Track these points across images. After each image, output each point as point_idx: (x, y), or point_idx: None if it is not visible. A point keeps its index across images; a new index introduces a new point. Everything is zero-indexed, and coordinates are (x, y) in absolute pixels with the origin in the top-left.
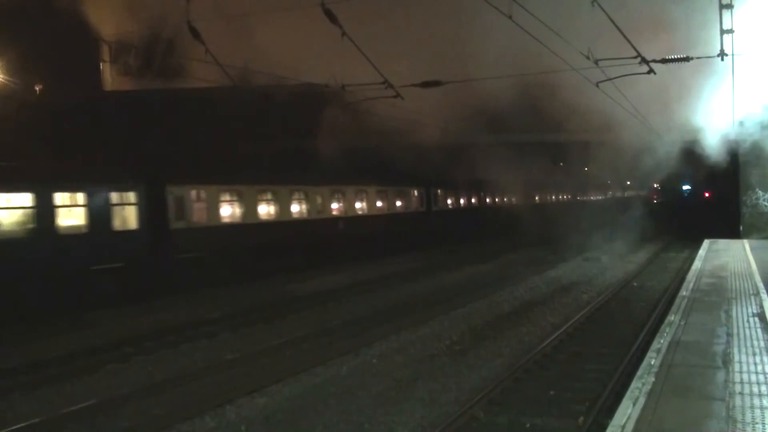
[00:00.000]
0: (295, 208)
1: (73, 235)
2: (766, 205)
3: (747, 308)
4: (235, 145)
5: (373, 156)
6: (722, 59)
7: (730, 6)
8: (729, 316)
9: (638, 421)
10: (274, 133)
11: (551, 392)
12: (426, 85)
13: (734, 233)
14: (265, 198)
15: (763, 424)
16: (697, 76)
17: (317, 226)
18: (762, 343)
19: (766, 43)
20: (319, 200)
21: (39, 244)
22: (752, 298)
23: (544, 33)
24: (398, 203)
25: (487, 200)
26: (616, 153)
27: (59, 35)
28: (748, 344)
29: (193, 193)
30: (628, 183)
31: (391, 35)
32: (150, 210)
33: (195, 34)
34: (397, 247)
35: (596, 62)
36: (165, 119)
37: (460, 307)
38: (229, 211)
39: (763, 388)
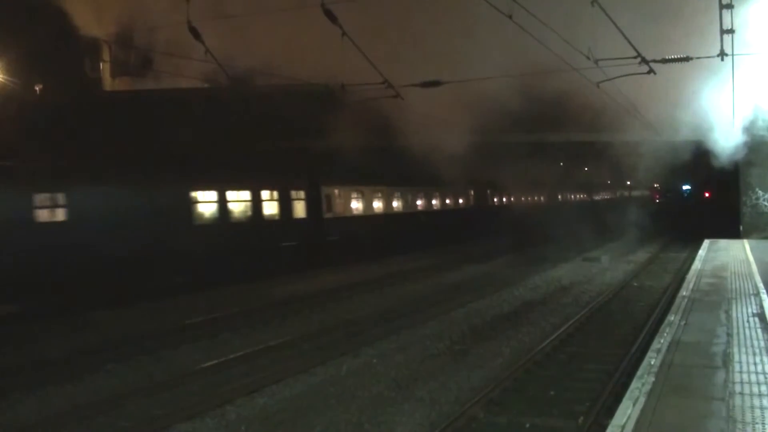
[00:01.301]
0: (395, 204)
1: (271, 221)
2: (766, 205)
3: (747, 308)
4: (353, 153)
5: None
6: (722, 59)
7: (730, 6)
8: (729, 316)
9: (638, 421)
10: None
11: (551, 392)
12: (426, 85)
13: (734, 233)
14: (376, 196)
15: (763, 424)
16: (697, 76)
17: (409, 218)
18: (762, 343)
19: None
20: (410, 198)
21: (254, 226)
22: (752, 298)
23: (545, 33)
24: (460, 201)
25: (512, 199)
26: (622, 153)
27: (60, 35)
28: (748, 344)
29: (336, 191)
30: (628, 183)
31: (391, 35)
32: (311, 204)
33: (195, 34)
34: (458, 236)
35: (596, 62)
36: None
37: (460, 307)
38: (356, 205)
39: (763, 388)
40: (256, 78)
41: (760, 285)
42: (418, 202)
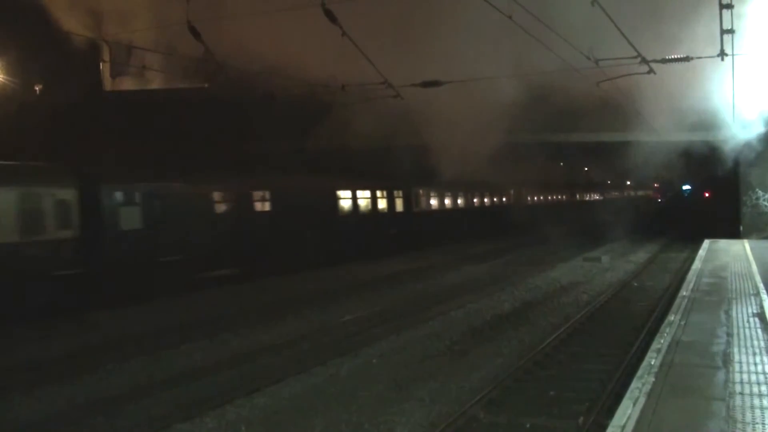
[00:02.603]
0: (459, 202)
1: (383, 214)
2: (766, 205)
3: (747, 308)
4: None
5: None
6: (722, 59)
7: (730, 6)
8: (729, 316)
9: (638, 421)
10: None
11: (551, 392)
12: (426, 85)
13: (734, 233)
14: (447, 195)
15: (763, 424)
16: (697, 75)
17: (467, 213)
18: (762, 343)
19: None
20: (469, 197)
21: (373, 218)
22: (752, 298)
23: (545, 33)
24: (504, 199)
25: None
26: (627, 153)
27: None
28: (748, 344)
29: (420, 191)
30: (628, 183)
31: (391, 35)
32: (406, 201)
33: (195, 34)
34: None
35: (596, 62)
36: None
37: (460, 307)
38: (433, 202)
39: (763, 388)
40: (256, 78)
41: (760, 285)
42: (475, 200)
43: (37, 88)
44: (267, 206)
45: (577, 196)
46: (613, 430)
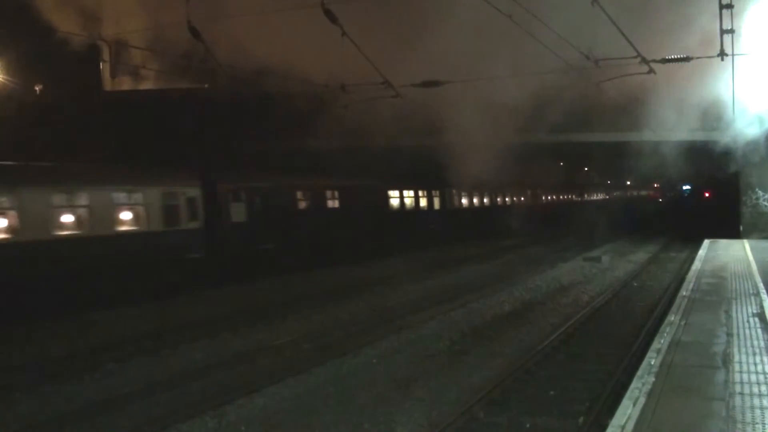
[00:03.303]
0: (484, 200)
1: (425, 211)
2: (766, 205)
3: (747, 308)
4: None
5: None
6: (722, 59)
7: (730, 6)
8: (729, 316)
9: (638, 421)
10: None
11: (551, 392)
12: (426, 85)
13: (734, 233)
14: (471, 194)
15: (763, 424)
16: (698, 75)
17: (489, 210)
18: (762, 343)
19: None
20: (506, 197)
21: (416, 215)
22: (752, 298)
23: (545, 33)
24: (522, 198)
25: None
26: (628, 154)
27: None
28: (748, 344)
29: (453, 191)
30: (628, 183)
31: (391, 35)
32: (443, 200)
33: (195, 34)
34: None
35: (596, 62)
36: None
37: (460, 307)
38: (463, 201)
39: (763, 388)
40: (257, 78)
41: (760, 285)
42: (498, 199)
43: (37, 88)
44: (336, 203)
45: (581, 196)
46: (613, 430)
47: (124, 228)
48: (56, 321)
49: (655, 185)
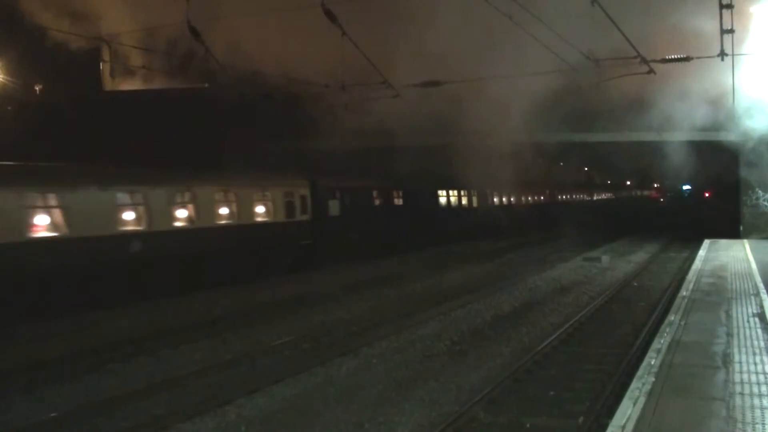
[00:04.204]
0: (512, 199)
1: (467, 209)
2: (766, 205)
3: (747, 308)
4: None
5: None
6: (722, 59)
7: (730, 6)
8: (729, 316)
9: (638, 421)
10: None
11: (551, 392)
12: (426, 85)
13: (734, 233)
14: (500, 194)
15: (763, 424)
16: (698, 75)
17: (516, 208)
18: (762, 343)
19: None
20: (518, 195)
21: (461, 211)
22: (752, 298)
23: (545, 33)
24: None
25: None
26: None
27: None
28: (748, 344)
29: (488, 191)
30: (628, 183)
31: (390, 35)
32: (480, 199)
33: (195, 34)
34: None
35: (596, 62)
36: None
37: (460, 307)
38: (495, 200)
39: (763, 388)
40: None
41: (760, 285)
42: (522, 198)
43: (37, 88)
44: (400, 201)
45: (584, 196)
46: (613, 430)
47: (260, 219)
48: (56, 321)
49: (655, 185)
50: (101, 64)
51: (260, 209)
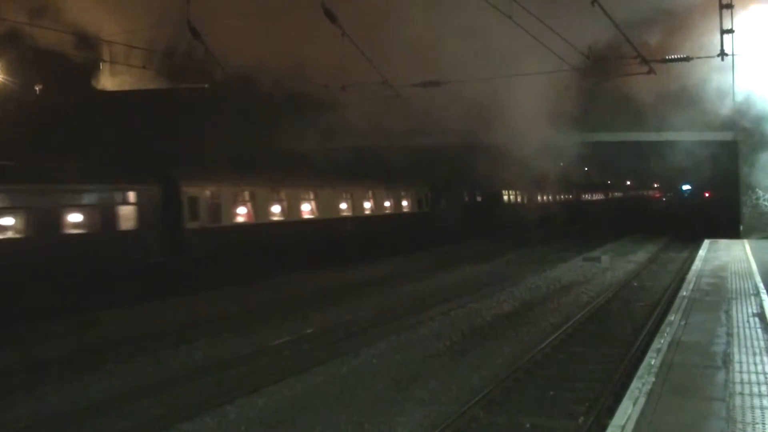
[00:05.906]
0: (527, 199)
1: (516, 205)
2: (766, 205)
3: (747, 308)
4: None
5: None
6: (722, 59)
7: (730, 6)
8: (729, 316)
9: (638, 421)
10: None
11: (551, 392)
12: (426, 84)
13: (734, 233)
14: (518, 194)
15: (763, 424)
16: (698, 75)
17: (536, 207)
18: (762, 343)
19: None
20: (537, 195)
21: (514, 208)
22: (752, 298)
23: (545, 33)
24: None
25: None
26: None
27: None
28: (748, 344)
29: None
30: (628, 183)
31: (391, 35)
32: (516, 199)
33: (195, 34)
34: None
35: (596, 62)
36: None
37: (460, 307)
38: (512, 199)
39: (763, 388)
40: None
41: (760, 285)
42: (541, 198)
43: (37, 88)
44: (479, 199)
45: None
46: (613, 430)
47: (403, 210)
48: (56, 321)
49: (655, 185)
50: (101, 64)
51: (404, 203)
